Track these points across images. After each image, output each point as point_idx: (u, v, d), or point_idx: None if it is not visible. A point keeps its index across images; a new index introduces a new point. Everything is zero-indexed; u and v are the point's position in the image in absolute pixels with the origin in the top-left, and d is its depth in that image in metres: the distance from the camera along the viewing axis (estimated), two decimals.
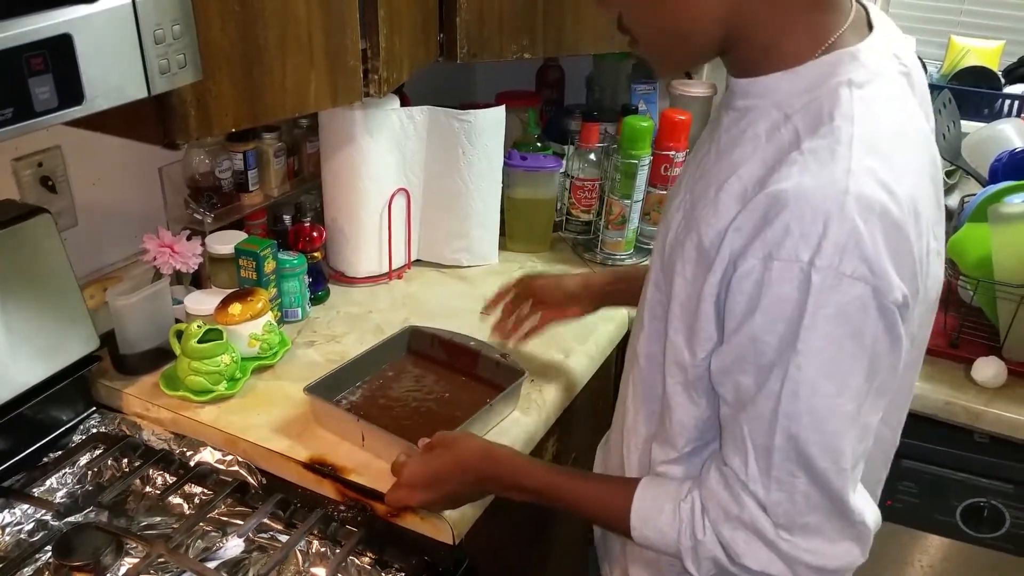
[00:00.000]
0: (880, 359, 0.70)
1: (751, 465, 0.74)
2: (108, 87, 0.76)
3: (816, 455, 0.71)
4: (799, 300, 0.67)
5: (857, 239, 0.65)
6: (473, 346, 1.28)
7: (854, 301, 0.67)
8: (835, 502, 0.74)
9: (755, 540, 0.76)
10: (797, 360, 0.69)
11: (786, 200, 0.67)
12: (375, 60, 1.18)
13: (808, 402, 0.70)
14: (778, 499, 0.74)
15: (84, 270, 1.30)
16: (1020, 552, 1.39)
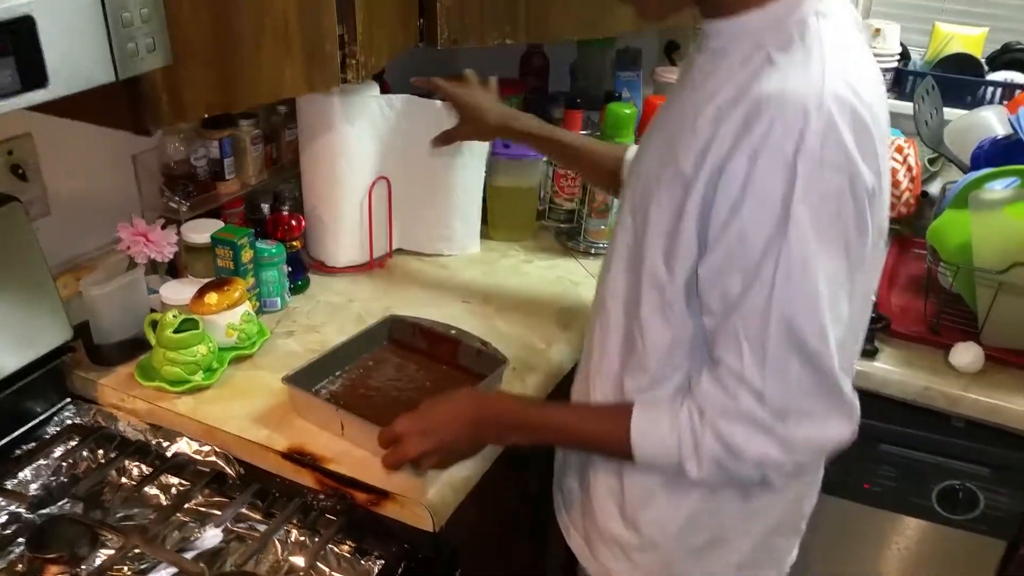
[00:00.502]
0: (853, 246, 0.77)
1: (746, 358, 0.79)
2: (74, 71, 0.74)
3: (808, 335, 0.77)
4: (786, 190, 0.73)
5: (835, 131, 0.72)
6: (454, 335, 1.28)
7: (834, 188, 0.74)
8: (826, 382, 0.79)
9: (753, 430, 0.80)
10: (788, 245, 0.74)
11: (768, 102, 0.73)
12: (352, 45, 1.17)
13: (800, 284, 0.75)
14: (774, 388, 0.79)
15: (57, 259, 1.28)
16: (993, 533, 1.41)
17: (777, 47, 0.76)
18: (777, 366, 0.78)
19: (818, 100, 0.72)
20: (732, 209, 0.76)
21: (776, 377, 0.78)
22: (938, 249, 1.41)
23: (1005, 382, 1.33)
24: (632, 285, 0.91)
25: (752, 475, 0.84)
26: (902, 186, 1.69)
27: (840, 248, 0.76)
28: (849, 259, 0.77)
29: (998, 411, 1.30)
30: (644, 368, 0.91)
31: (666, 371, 0.90)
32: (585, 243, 1.66)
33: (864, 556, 1.55)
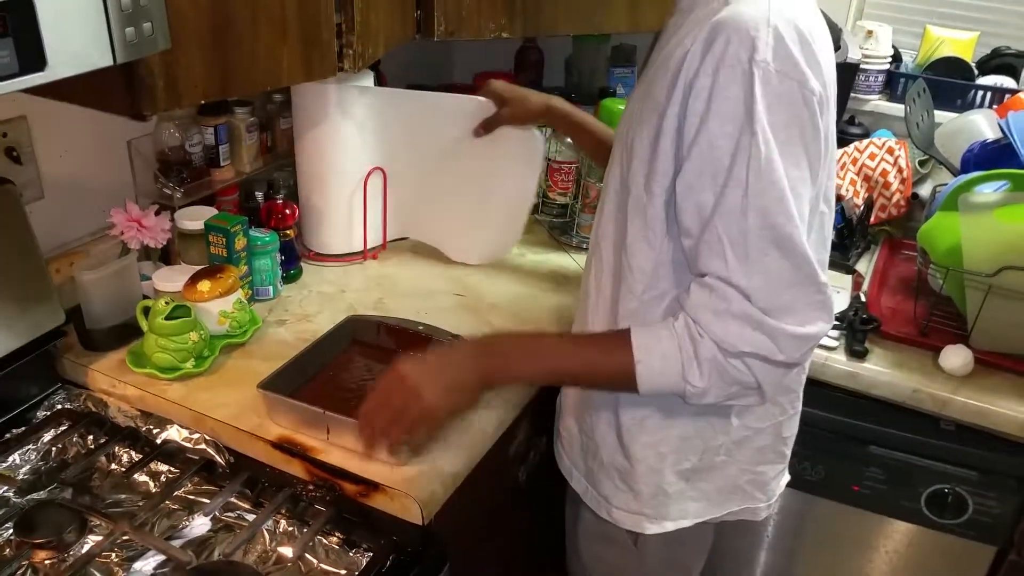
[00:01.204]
0: (809, 146, 0.85)
1: (730, 260, 0.85)
2: (72, 54, 0.73)
3: (783, 224, 0.83)
4: (747, 94, 0.81)
5: (782, 44, 0.81)
6: (423, 331, 1.27)
7: (787, 93, 0.82)
8: (804, 271, 0.85)
9: (744, 326, 0.85)
10: (755, 143, 0.82)
11: (723, 24, 0.82)
12: (350, 35, 1.16)
13: (770, 178, 0.82)
14: (758, 283, 0.84)
15: (50, 244, 1.28)
16: (981, 538, 1.42)
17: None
18: (759, 261, 0.84)
19: (765, 19, 0.82)
20: (700, 122, 0.84)
21: (759, 272, 0.84)
22: (928, 251, 1.41)
23: (994, 385, 1.34)
24: (620, 222, 0.98)
25: (747, 377, 0.87)
26: (893, 188, 1.71)
27: (798, 149, 0.84)
28: (808, 159, 0.85)
29: (987, 415, 1.31)
30: (632, 293, 0.98)
31: (653, 294, 0.96)
32: (578, 238, 1.66)
33: (852, 559, 1.56)
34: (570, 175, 1.68)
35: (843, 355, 1.40)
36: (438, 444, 1.09)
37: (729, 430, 1.04)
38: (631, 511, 1.08)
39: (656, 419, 1.02)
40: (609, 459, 1.08)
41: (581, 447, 1.13)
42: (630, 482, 1.07)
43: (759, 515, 1.13)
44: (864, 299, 1.52)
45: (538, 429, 1.37)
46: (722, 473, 1.07)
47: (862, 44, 1.81)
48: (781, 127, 0.82)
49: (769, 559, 1.65)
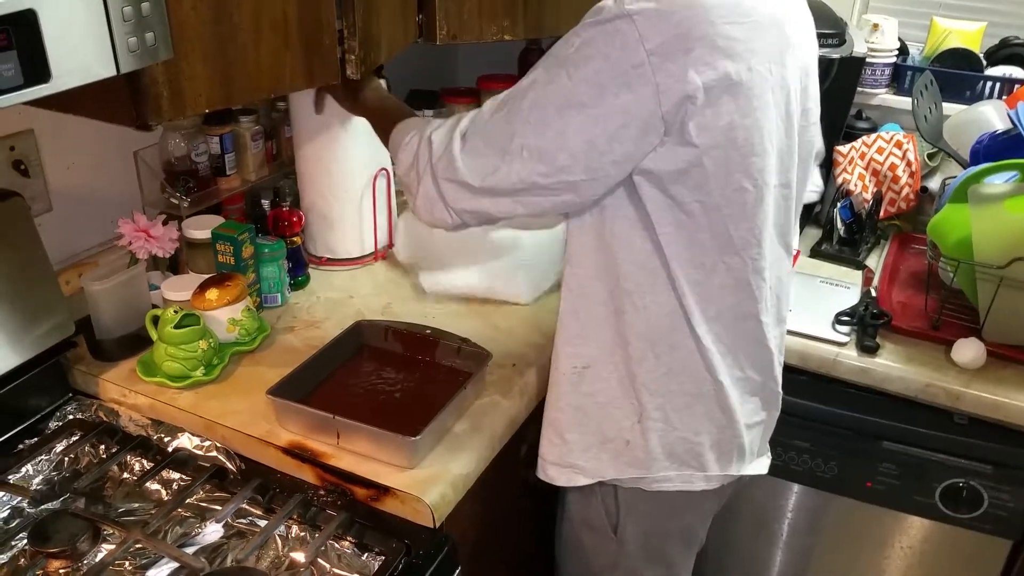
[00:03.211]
0: (602, 86, 0.88)
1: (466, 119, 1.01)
2: (76, 65, 0.74)
3: (526, 106, 0.93)
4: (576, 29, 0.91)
5: None
6: (430, 335, 1.27)
7: (605, 31, 0.87)
8: (502, 143, 0.95)
9: (448, 133, 1.01)
10: (552, 51, 0.94)
11: None
12: (352, 40, 1.17)
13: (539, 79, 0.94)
14: (475, 119, 0.99)
15: (59, 255, 1.29)
16: (998, 532, 1.40)
17: None
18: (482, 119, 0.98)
19: None
20: None
21: (482, 113, 0.98)
22: (938, 244, 1.41)
23: (1008, 378, 1.33)
24: None
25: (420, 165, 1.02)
26: (901, 181, 1.70)
27: (586, 78, 0.88)
28: (593, 96, 0.88)
29: (1001, 407, 1.30)
30: None
31: None
32: None
33: (867, 556, 1.55)
34: None
35: (854, 351, 1.39)
36: (448, 446, 1.09)
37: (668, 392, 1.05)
38: (565, 465, 1.11)
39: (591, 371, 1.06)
40: (551, 413, 1.12)
41: None
42: (565, 433, 1.10)
43: (694, 485, 1.10)
44: (875, 294, 1.51)
45: None
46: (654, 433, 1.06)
47: (868, 38, 1.80)
48: (588, 60, 0.88)
49: (784, 558, 1.64)
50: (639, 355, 1.03)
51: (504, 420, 1.17)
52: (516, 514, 1.38)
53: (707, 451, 1.09)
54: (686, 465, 1.08)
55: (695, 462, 1.09)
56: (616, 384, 1.05)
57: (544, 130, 0.91)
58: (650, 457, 1.07)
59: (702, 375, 1.04)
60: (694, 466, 1.09)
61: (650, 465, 1.07)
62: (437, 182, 1.00)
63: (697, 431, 1.07)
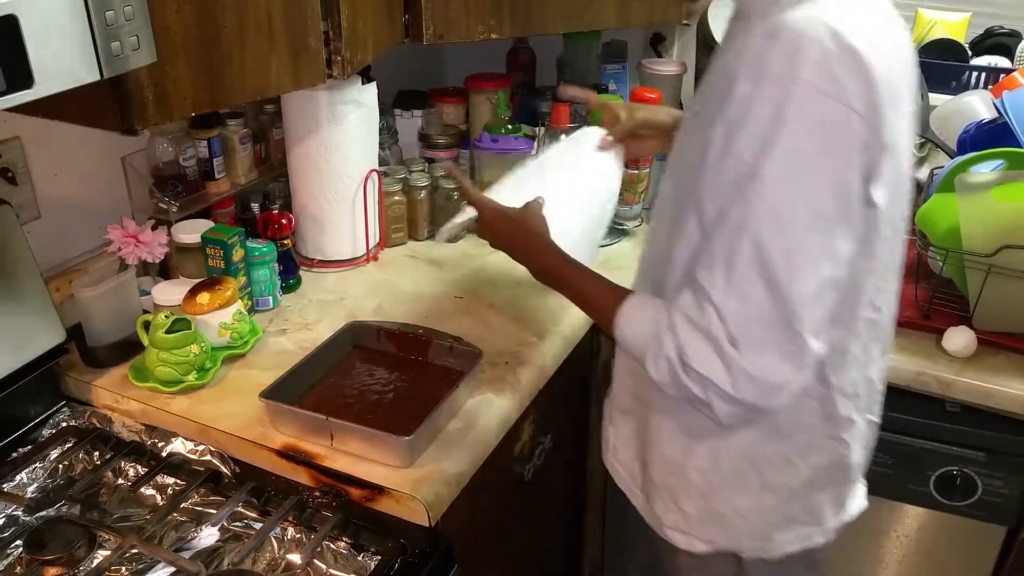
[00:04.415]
0: (846, 183, 0.79)
1: (717, 275, 0.82)
2: (59, 70, 0.74)
3: (775, 256, 0.79)
4: (775, 113, 0.76)
5: (830, 60, 0.75)
6: (422, 335, 1.27)
7: (826, 117, 0.76)
8: (783, 311, 0.80)
9: (706, 345, 0.83)
10: (767, 165, 0.77)
11: (774, 31, 0.77)
12: (337, 42, 1.17)
13: (772, 204, 0.78)
14: (733, 308, 0.81)
15: (49, 263, 1.28)
16: (992, 519, 1.41)
17: (790, 3, 0.80)
18: (741, 286, 0.81)
19: (815, 32, 0.76)
20: (733, 129, 0.80)
21: (737, 298, 0.81)
22: (927, 234, 1.41)
23: (999, 365, 1.33)
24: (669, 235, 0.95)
25: (699, 394, 0.85)
26: None
27: (826, 181, 0.78)
28: (840, 196, 0.79)
29: (992, 395, 1.31)
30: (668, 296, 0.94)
31: None
32: None
33: (862, 545, 1.55)
34: None
35: None
36: (442, 445, 1.10)
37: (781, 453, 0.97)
38: (682, 531, 1.04)
39: (707, 444, 0.98)
40: (660, 478, 1.04)
41: (640, 463, 1.09)
42: (680, 503, 1.03)
43: (813, 541, 1.04)
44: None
45: (542, 428, 1.38)
46: (770, 500, 1.00)
47: None
48: (808, 156, 0.77)
49: None
50: (769, 431, 0.96)
51: (497, 418, 1.17)
52: (512, 512, 1.38)
53: (826, 508, 1.03)
54: (806, 525, 1.03)
55: (815, 520, 1.03)
56: (739, 458, 0.98)
57: (813, 264, 0.80)
58: (772, 527, 1.02)
59: (832, 446, 0.99)
60: (814, 524, 1.04)
61: (771, 535, 1.02)
62: (737, 402, 0.84)
63: (819, 495, 1.02)
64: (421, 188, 1.64)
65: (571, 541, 1.74)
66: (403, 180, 1.63)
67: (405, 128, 1.78)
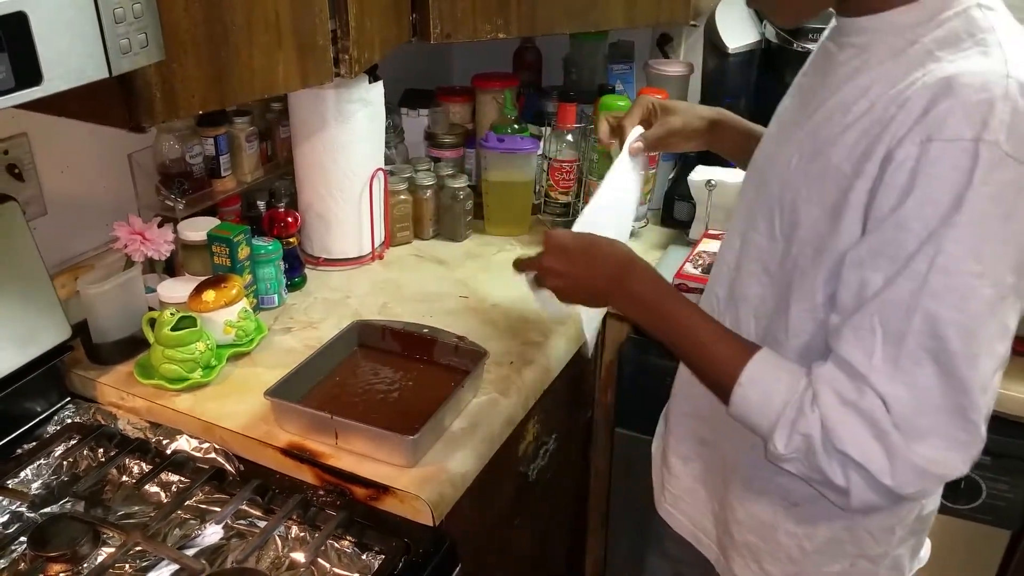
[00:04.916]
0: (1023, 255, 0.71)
1: (876, 355, 0.73)
2: (67, 67, 0.74)
3: (952, 336, 0.71)
4: (960, 178, 0.68)
5: (1020, 121, 0.68)
6: (427, 333, 1.27)
7: (1013, 182, 0.68)
8: (958, 401, 0.72)
9: (865, 429, 0.74)
10: (951, 235, 0.69)
11: (948, 85, 0.69)
12: (345, 40, 1.17)
13: (956, 279, 0.70)
14: (900, 393, 0.73)
15: (55, 259, 1.29)
16: (996, 522, 1.41)
17: (939, 44, 0.74)
18: (909, 370, 0.72)
19: (1004, 86, 0.68)
20: (899, 197, 0.71)
21: (905, 382, 0.73)
22: None
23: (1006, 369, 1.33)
24: (772, 288, 0.87)
25: (836, 479, 0.77)
26: None
27: (1008, 250, 0.70)
28: (1018, 272, 0.71)
29: (998, 398, 1.27)
30: None
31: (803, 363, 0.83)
32: None
33: None
34: (571, 173, 1.68)
35: None
36: (446, 444, 1.10)
37: (892, 536, 0.92)
38: None
39: (806, 510, 0.91)
40: (742, 536, 0.98)
41: (712, 516, 1.04)
42: (764, 564, 0.97)
43: None
44: None
45: (547, 428, 1.38)
46: (867, 569, 0.95)
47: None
48: (997, 224, 0.69)
49: None
50: None
51: (502, 418, 1.17)
52: (515, 511, 1.38)
53: (906, 559, 0.98)
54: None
55: (898, 574, 0.99)
56: (840, 529, 0.92)
57: (990, 345, 0.73)
58: None
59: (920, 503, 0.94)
60: None
61: None
62: (888, 492, 0.76)
63: (902, 549, 0.96)
64: (427, 187, 1.64)
65: (574, 541, 1.74)
66: (409, 179, 1.63)
67: (411, 127, 1.78)
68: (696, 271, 1.46)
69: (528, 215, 1.71)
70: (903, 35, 0.76)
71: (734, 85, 1.71)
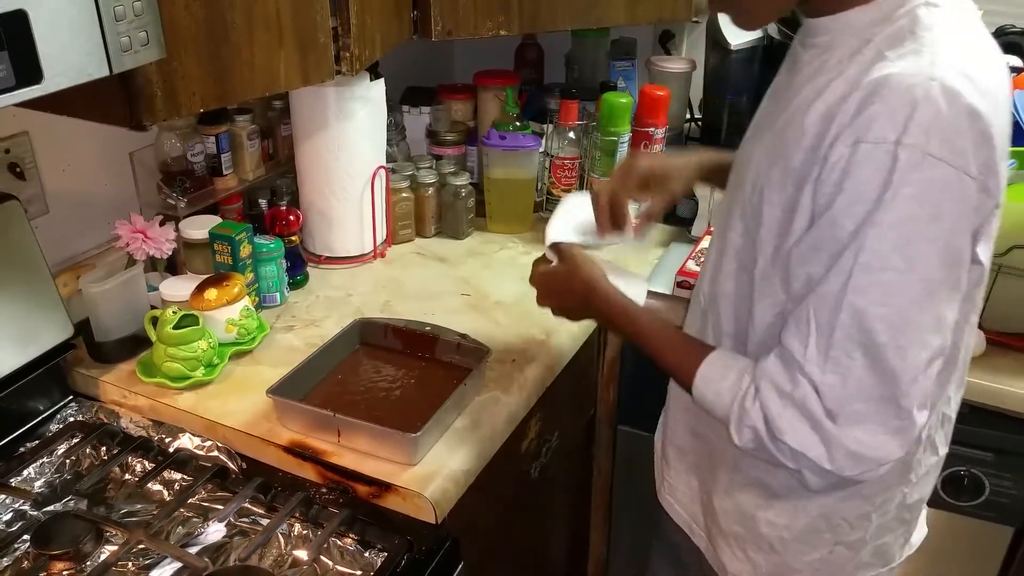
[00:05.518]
0: (957, 249, 0.74)
1: (810, 346, 0.77)
2: (68, 65, 0.74)
3: (878, 329, 0.74)
4: (883, 178, 0.71)
5: (942, 122, 0.70)
6: (429, 331, 1.27)
7: (936, 182, 0.71)
8: (888, 386, 0.76)
9: (801, 420, 0.79)
10: (872, 234, 0.72)
11: (875, 90, 0.72)
12: (346, 38, 1.17)
13: (879, 276, 0.73)
14: (832, 381, 0.77)
15: (57, 258, 1.29)
16: (1000, 519, 1.40)
17: (887, 43, 0.75)
18: (840, 360, 0.76)
19: (926, 89, 0.70)
20: (830, 196, 0.75)
21: (836, 372, 0.76)
22: None
23: (1007, 366, 1.33)
24: (744, 285, 0.90)
25: (789, 464, 0.82)
26: None
27: (936, 247, 0.73)
28: (949, 260, 0.74)
29: (1001, 395, 1.30)
30: (748, 353, 0.91)
31: None
32: None
33: None
34: (573, 170, 1.67)
35: None
36: (449, 442, 1.10)
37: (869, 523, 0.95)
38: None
39: (784, 500, 0.95)
40: (728, 526, 1.01)
41: (702, 506, 1.07)
42: (749, 552, 1.00)
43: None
44: None
45: (549, 426, 1.37)
46: (848, 557, 0.98)
47: None
48: (923, 223, 0.71)
49: None
50: (852, 492, 0.92)
51: (504, 415, 1.17)
52: (518, 509, 1.38)
53: (894, 547, 1.01)
54: (876, 568, 1.00)
55: (885, 562, 1.01)
56: (817, 517, 0.95)
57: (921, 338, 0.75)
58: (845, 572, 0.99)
59: (904, 492, 0.96)
60: (883, 566, 1.01)
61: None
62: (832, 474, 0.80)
63: (889, 537, 0.99)
64: (429, 185, 1.64)
65: (576, 539, 1.74)
66: (411, 177, 1.63)
67: (413, 125, 1.78)
68: (698, 268, 1.45)
69: (530, 213, 1.71)
70: (860, 35, 0.78)
71: (736, 82, 1.71)
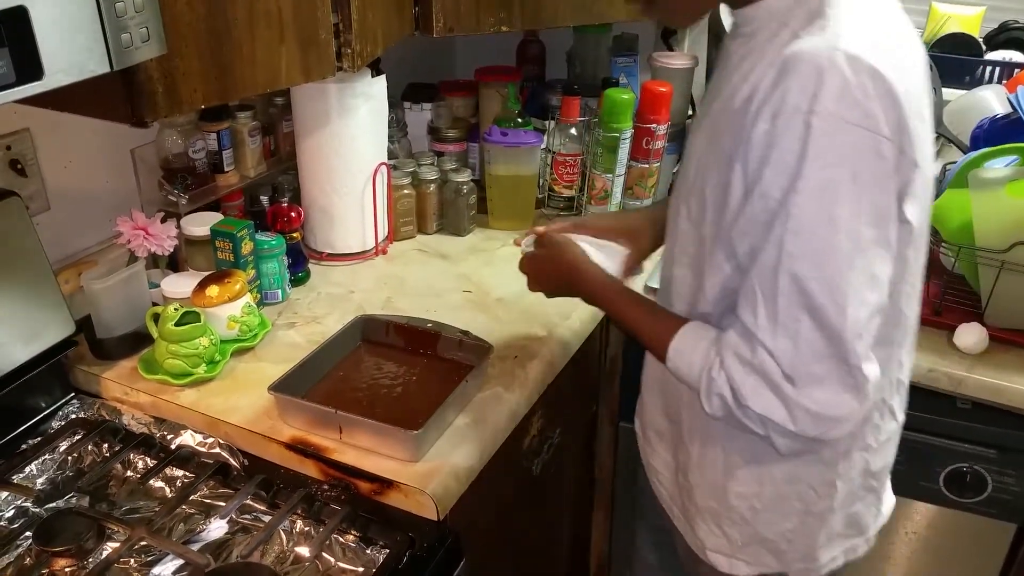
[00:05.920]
0: (881, 207, 0.78)
1: (760, 315, 0.81)
2: (69, 62, 0.73)
3: (816, 291, 0.78)
4: (800, 147, 0.75)
5: (850, 90, 0.74)
6: (431, 328, 1.27)
7: (850, 145, 0.75)
8: (836, 345, 0.79)
9: (762, 385, 0.82)
10: (797, 201, 0.76)
11: (785, 64, 0.76)
12: (347, 34, 1.16)
13: (808, 241, 0.77)
14: (784, 346, 0.80)
15: (58, 255, 1.29)
16: (1002, 516, 1.40)
17: (800, 22, 0.79)
18: (788, 324, 0.80)
19: (830, 59, 0.74)
20: (757, 170, 0.79)
21: (786, 336, 0.80)
22: (939, 230, 1.40)
23: (1010, 362, 1.32)
24: (694, 266, 0.93)
25: (758, 430, 0.85)
26: None
27: (860, 207, 0.77)
28: (875, 218, 0.78)
29: (1003, 392, 1.30)
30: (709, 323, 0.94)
31: None
32: None
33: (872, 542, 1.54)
34: (575, 167, 1.67)
35: None
36: (450, 439, 1.09)
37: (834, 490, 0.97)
38: (726, 554, 1.04)
39: (749, 470, 0.97)
40: (703, 502, 1.03)
41: (678, 485, 1.09)
42: (724, 527, 1.02)
43: (858, 552, 1.06)
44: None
45: (551, 422, 1.37)
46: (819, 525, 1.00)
47: None
48: (844, 185, 0.76)
49: None
50: (812, 457, 0.95)
51: (506, 412, 1.17)
52: (520, 506, 1.38)
53: (866, 515, 1.04)
54: (850, 538, 1.04)
55: (858, 531, 1.04)
56: (783, 484, 0.97)
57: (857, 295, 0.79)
58: (818, 546, 1.01)
59: (866, 457, 0.99)
60: (858, 535, 1.04)
61: (817, 555, 1.02)
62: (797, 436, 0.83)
63: (859, 505, 1.02)
64: (430, 181, 1.64)
65: (578, 535, 1.74)
66: (412, 173, 1.63)
67: (414, 121, 1.77)
68: None
69: (532, 209, 1.71)
70: (779, 19, 0.82)
71: None
